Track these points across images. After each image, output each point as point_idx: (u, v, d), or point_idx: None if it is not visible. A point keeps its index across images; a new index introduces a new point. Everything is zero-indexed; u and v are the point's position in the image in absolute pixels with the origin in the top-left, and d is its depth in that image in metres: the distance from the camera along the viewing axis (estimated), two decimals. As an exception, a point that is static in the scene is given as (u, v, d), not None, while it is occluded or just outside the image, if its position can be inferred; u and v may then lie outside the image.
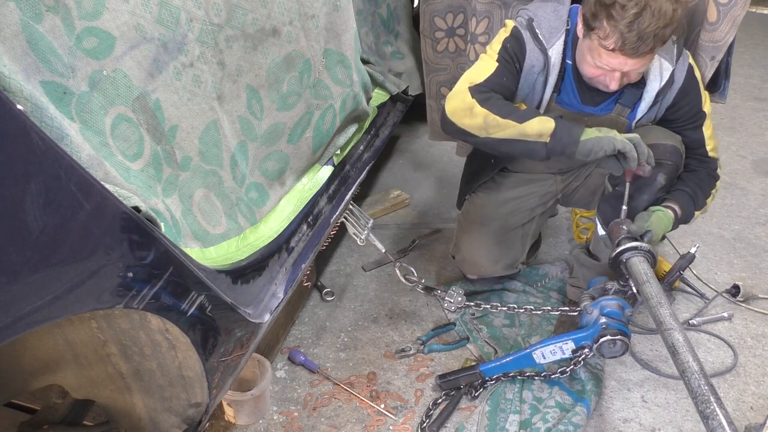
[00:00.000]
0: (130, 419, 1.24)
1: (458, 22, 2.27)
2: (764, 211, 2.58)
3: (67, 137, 0.80)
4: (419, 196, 2.76)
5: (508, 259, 1.93)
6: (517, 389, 1.68)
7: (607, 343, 1.52)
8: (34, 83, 0.82)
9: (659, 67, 1.56)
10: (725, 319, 1.95)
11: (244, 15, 1.27)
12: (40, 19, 0.84)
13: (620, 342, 1.52)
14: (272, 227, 1.49)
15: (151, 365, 1.12)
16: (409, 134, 3.33)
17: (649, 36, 1.36)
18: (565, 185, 1.93)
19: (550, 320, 1.94)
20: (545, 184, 1.92)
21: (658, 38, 1.37)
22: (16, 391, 1.19)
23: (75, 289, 0.80)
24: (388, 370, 1.80)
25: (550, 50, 1.59)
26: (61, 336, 1.09)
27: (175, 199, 1.17)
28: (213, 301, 1.12)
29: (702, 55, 1.67)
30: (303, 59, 1.49)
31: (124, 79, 1.00)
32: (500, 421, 1.60)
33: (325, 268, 2.26)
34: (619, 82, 1.49)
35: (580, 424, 1.56)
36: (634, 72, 1.48)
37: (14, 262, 0.70)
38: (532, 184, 1.92)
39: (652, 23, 1.34)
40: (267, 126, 1.43)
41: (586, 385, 1.67)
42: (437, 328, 1.94)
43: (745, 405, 1.66)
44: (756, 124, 3.44)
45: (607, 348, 1.53)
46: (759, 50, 4.64)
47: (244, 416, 1.62)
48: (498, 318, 1.97)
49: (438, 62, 2.36)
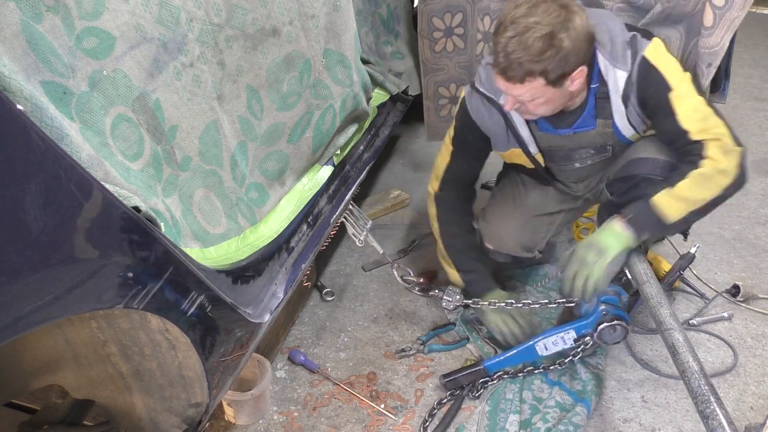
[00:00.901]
0: (130, 419, 1.24)
1: (456, 22, 2.27)
2: (764, 211, 2.58)
3: (67, 137, 0.80)
4: (419, 196, 2.76)
5: (530, 242, 1.92)
6: (517, 389, 1.68)
7: (607, 329, 1.55)
8: (34, 83, 0.82)
9: (614, 77, 1.53)
10: (725, 319, 1.95)
11: (244, 15, 1.27)
12: (40, 19, 0.84)
13: (620, 327, 1.54)
14: (272, 227, 1.49)
15: (151, 365, 1.12)
16: (409, 134, 3.33)
17: (515, 64, 1.39)
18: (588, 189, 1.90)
19: (551, 320, 1.94)
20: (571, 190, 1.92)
21: (526, 71, 1.39)
22: (16, 391, 1.19)
23: (75, 289, 0.80)
24: (388, 370, 1.80)
25: (501, 99, 1.62)
26: (61, 336, 1.09)
27: (175, 199, 1.17)
28: (213, 301, 1.12)
29: (699, 63, 1.64)
30: (303, 59, 1.50)
31: (124, 79, 1.00)
32: (500, 421, 1.60)
33: (325, 268, 2.26)
34: (511, 104, 1.53)
35: (581, 425, 1.56)
36: (525, 101, 1.49)
37: (14, 262, 0.70)
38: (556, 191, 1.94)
39: (517, 52, 1.37)
40: (267, 126, 1.43)
41: (587, 385, 1.67)
42: (437, 328, 1.94)
43: (745, 405, 1.66)
44: (756, 124, 3.44)
45: (608, 334, 1.56)
46: (759, 50, 4.64)
47: (244, 416, 1.62)
48: None
49: (436, 62, 2.37)
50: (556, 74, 1.42)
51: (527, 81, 1.42)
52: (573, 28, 1.38)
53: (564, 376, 1.72)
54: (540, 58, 1.38)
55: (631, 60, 1.51)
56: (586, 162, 1.76)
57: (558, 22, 1.37)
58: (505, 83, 1.46)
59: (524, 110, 1.56)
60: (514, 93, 1.48)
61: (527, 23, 1.37)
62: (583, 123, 1.65)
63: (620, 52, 1.51)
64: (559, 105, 1.55)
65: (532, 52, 1.37)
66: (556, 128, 1.68)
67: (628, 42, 1.51)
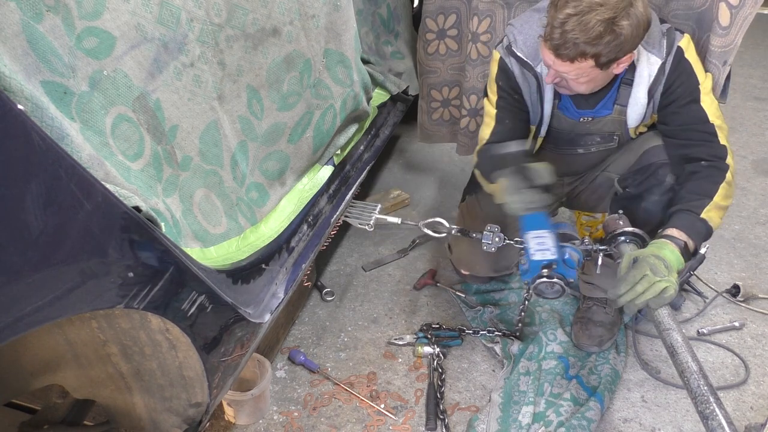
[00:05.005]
0: (130, 419, 1.24)
1: (449, 23, 2.24)
2: (764, 211, 2.58)
3: (68, 137, 0.80)
4: (419, 196, 2.76)
5: (504, 262, 1.89)
6: (531, 381, 1.68)
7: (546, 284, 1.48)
8: (35, 83, 0.82)
9: (646, 62, 1.53)
10: (736, 328, 1.92)
11: (245, 15, 1.27)
12: (40, 18, 0.84)
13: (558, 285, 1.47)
14: (272, 227, 1.49)
15: (151, 365, 1.12)
16: (409, 134, 3.33)
17: (570, 43, 1.36)
18: (572, 188, 1.92)
19: (568, 319, 1.93)
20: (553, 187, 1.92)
21: (579, 51, 1.37)
22: (16, 391, 1.19)
23: (76, 288, 0.80)
24: (388, 370, 1.80)
25: (538, 67, 1.61)
26: (62, 336, 1.09)
27: (176, 199, 1.17)
28: (213, 301, 1.12)
29: (713, 61, 1.62)
30: (303, 59, 1.49)
31: (124, 78, 1.00)
32: (513, 413, 1.60)
33: (325, 268, 2.26)
34: (552, 77, 1.50)
35: (594, 419, 1.56)
36: (569, 78, 1.47)
37: (15, 262, 0.70)
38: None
39: (575, 31, 1.34)
40: (267, 126, 1.43)
41: (602, 380, 1.67)
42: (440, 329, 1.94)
43: (745, 405, 1.66)
44: (756, 124, 3.44)
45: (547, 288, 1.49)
46: (759, 50, 4.64)
47: (244, 416, 1.62)
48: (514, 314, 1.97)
49: (429, 64, 2.35)
50: (608, 59, 1.40)
51: (577, 61, 1.40)
52: (634, 14, 1.35)
53: (583, 370, 1.73)
54: (597, 42, 1.35)
55: (667, 49, 1.52)
56: (590, 149, 1.76)
57: (622, 6, 1.34)
58: (554, 59, 1.42)
59: (563, 85, 1.54)
60: (560, 69, 1.45)
61: (591, 2, 1.33)
62: (604, 106, 1.65)
63: (656, 40, 1.51)
64: (599, 85, 1.54)
65: (591, 35, 1.33)
66: (578, 109, 1.67)
67: (664, 33, 1.52)
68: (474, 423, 1.60)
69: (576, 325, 1.88)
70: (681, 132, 1.57)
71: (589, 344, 1.81)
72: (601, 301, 1.87)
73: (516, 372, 1.72)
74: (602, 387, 1.65)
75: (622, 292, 1.36)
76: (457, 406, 1.67)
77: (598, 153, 1.78)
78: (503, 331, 1.88)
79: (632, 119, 1.64)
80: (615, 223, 1.55)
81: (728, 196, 1.51)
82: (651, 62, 1.53)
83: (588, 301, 1.90)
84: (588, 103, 1.65)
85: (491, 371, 1.80)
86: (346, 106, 1.74)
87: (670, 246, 1.41)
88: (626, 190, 1.68)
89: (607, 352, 1.79)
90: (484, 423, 1.59)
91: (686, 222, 1.46)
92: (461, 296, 2.07)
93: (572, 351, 1.80)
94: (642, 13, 1.37)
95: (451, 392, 1.72)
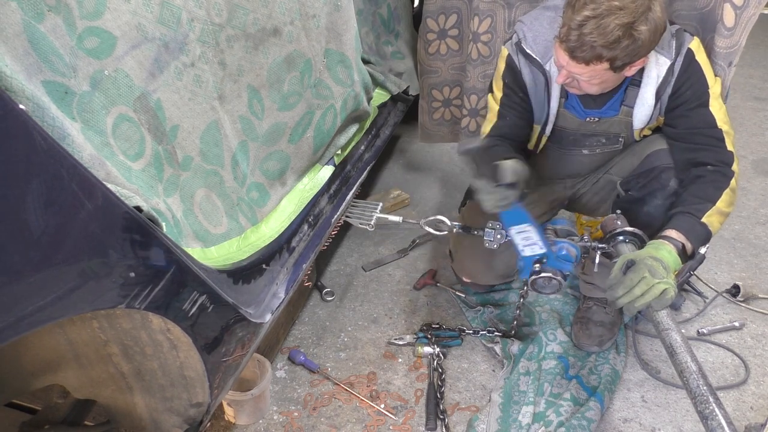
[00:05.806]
0: (131, 419, 1.24)
1: (450, 23, 2.24)
2: (764, 211, 2.58)
3: (69, 137, 0.80)
4: (419, 196, 2.76)
5: (505, 269, 1.88)
6: (530, 381, 1.68)
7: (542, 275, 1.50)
8: (36, 83, 0.82)
9: (655, 63, 1.53)
10: (736, 328, 1.93)
11: (245, 15, 1.27)
12: (41, 18, 0.84)
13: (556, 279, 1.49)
14: (273, 227, 1.49)
15: (152, 365, 1.12)
16: (409, 134, 3.33)
17: (587, 45, 1.34)
18: (573, 191, 1.91)
19: (568, 319, 1.93)
20: (554, 190, 1.91)
21: (595, 54, 1.36)
22: (17, 391, 1.19)
23: (77, 288, 0.80)
24: (388, 370, 1.80)
25: (547, 65, 1.61)
26: (63, 336, 1.09)
27: (177, 199, 1.17)
28: (214, 301, 1.12)
29: (719, 62, 1.61)
30: (304, 59, 1.49)
31: (125, 78, 1.00)
32: (513, 413, 1.60)
33: (325, 268, 2.26)
34: (564, 78, 1.49)
35: (594, 419, 1.56)
36: (581, 79, 1.46)
37: (16, 262, 0.70)
38: (541, 189, 1.90)
39: (593, 34, 1.33)
40: (268, 126, 1.43)
41: (602, 380, 1.67)
42: (440, 329, 1.95)
43: (745, 405, 1.66)
44: (756, 124, 3.44)
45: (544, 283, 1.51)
46: (759, 50, 4.64)
47: (244, 416, 1.62)
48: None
49: (430, 64, 2.35)
50: (623, 62, 1.39)
51: (592, 64, 1.39)
52: (652, 19, 1.34)
53: (583, 370, 1.73)
54: (615, 46, 1.33)
55: (676, 51, 1.51)
56: (595, 150, 1.76)
57: (641, 11, 1.32)
58: (568, 60, 1.41)
59: (574, 85, 1.53)
60: (574, 70, 1.44)
61: (610, 6, 1.31)
62: (611, 107, 1.65)
63: (666, 41, 1.50)
64: (609, 87, 1.54)
65: (610, 38, 1.32)
66: (585, 108, 1.66)
67: (674, 34, 1.52)
68: (474, 423, 1.60)
69: (576, 325, 1.88)
70: (688, 136, 1.56)
71: (589, 344, 1.81)
72: (601, 301, 1.87)
73: (516, 372, 1.73)
74: (602, 387, 1.65)
75: (619, 295, 1.35)
76: (457, 406, 1.67)
77: (603, 155, 1.78)
78: (503, 331, 1.89)
79: (638, 120, 1.63)
80: (613, 222, 1.55)
81: (731, 203, 1.50)
82: (660, 63, 1.52)
83: (588, 301, 1.90)
84: (596, 103, 1.65)
85: (491, 371, 1.80)
86: (346, 106, 1.75)
87: (667, 247, 1.41)
88: (629, 193, 1.68)
89: (607, 352, 1.80)
90: (484, 423, 1.59)
91: (686, 224, 1.46)
92: (461, 296, 2.08)
93: (572, 351, 1.81)
94: (660, 18, 1.36)
95: (451, 392, 1.72)
